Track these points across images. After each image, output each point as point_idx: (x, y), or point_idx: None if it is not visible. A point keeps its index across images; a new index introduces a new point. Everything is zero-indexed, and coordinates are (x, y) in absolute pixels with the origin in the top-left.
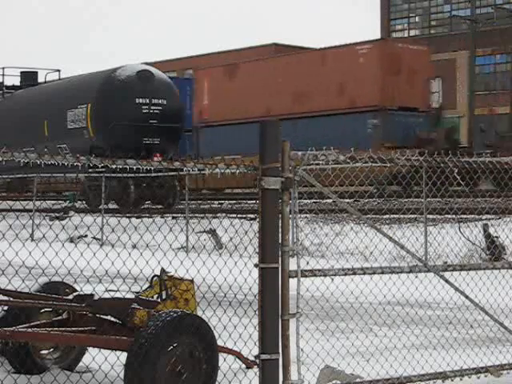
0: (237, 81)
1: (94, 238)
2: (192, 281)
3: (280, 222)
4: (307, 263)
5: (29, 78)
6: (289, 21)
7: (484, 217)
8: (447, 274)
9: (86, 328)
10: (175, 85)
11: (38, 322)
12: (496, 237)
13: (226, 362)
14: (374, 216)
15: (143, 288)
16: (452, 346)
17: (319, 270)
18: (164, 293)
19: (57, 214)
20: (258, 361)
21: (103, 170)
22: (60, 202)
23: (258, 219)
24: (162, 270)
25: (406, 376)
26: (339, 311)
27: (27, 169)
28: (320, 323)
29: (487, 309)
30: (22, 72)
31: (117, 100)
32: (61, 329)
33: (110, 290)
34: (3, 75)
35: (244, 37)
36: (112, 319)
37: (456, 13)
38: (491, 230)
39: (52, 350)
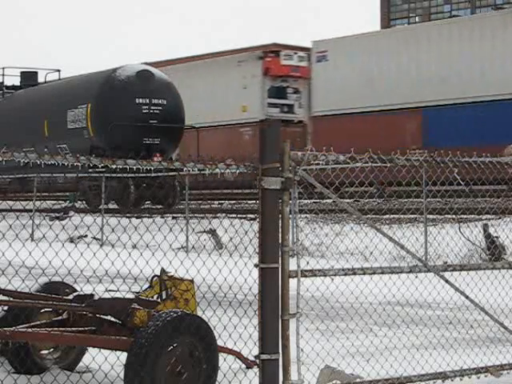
0: None
1: (94, 238)
2: (192, 281)
3: (280, 221)
4: (307, 263)
5: (29, 77)
6: (289, 21)
7: (484, 217)
8: (447, 274)
9: (86, 328)
10: None
11: (38, 322)
12: (496, 237)
13: (226, 362)
14: (374, 216)
15: (143, 288)
16: (452, 346)
17: (319, 270)
18: (164, 293)
19: (57, 214)
20: (258, 361)
21: (103, 170)
22: (60, 202)
23: (258, 219)
24: (162, 270)
25: (406, 376)
26: (339, 311)
27: (27, 169)
28: (320, 323)
29: (487, 309)
30: (21, 72)
31: (117, 100)
32: (61, 329)
33: (110, 290)
34: (3, 75)
35: (244, 37)
36: (112, 319)
37: (456, 13)
38: (491, 230)
39: (52, 350)
